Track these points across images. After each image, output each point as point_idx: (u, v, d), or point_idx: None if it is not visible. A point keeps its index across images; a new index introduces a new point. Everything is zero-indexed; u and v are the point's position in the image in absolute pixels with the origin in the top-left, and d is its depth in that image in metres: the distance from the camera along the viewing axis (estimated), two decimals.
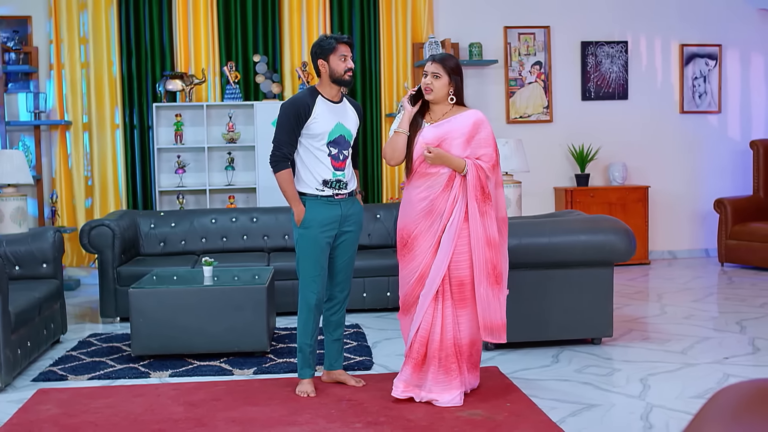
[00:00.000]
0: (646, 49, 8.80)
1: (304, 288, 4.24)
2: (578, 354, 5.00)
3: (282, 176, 4.17)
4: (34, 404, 4.17)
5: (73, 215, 7.93)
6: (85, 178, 7.93)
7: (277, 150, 4.16)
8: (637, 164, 8.80)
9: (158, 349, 4.92)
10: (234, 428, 3.77)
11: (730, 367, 4.66)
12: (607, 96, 8.75)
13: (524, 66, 8.60)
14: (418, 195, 4.11)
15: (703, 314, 6.12)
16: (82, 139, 7.90)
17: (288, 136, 4.15)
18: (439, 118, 4.17)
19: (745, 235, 8.09)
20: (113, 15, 7.82)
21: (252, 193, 8.00)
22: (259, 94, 8.07)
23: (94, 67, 7.85)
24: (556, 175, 8.70)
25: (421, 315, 4.06)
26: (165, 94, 7.77)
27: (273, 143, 4.19)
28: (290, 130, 4.15)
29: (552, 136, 8.67)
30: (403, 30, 8.27)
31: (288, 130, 4.15)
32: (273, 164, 4.18)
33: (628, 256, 5.10)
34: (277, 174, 4.18)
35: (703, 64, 8.85)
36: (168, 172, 7.91)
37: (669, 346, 5.18)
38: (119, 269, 6.12)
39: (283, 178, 4.17)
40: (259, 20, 8.03)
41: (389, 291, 6.33)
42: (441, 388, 4.05)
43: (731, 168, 9.01)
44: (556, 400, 4.12)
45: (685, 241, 9.00)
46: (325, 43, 4.18)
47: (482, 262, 4.01)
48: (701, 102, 8.90)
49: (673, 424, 3.73)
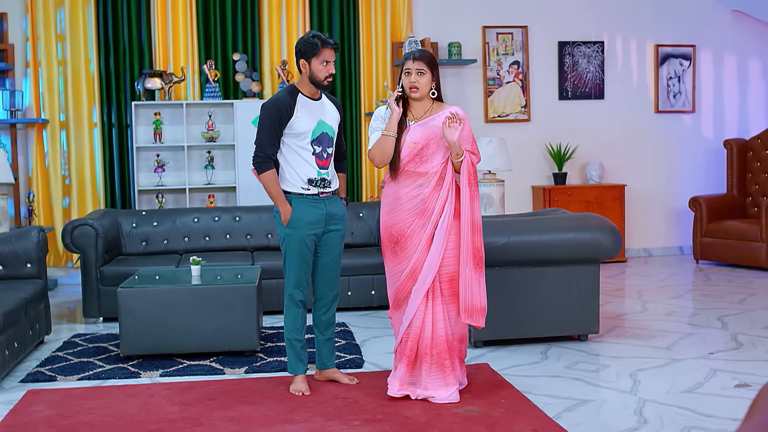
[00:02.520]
0: (622, 49, 8.91)
1: (291, 285, 4.24)
2: (566, 351, 5.05)
3: (266, 177, 4.16)
4: (26, 405, 4.12)
5: (50, 215, 7.84)
6: (62, 177, 7.84)
7: (260, 151, 4.14)
8: (614, 163, 8.90)
9: (147, 349, 4.89)
10: (232, 427, 3.76)
11: (716, 362, 4.74)
12: (583, 95, 8.84)
13: (502, 65, 8.65)
14: (408, 193, 4.13)
15: (684, 311, 6.22)
16: (59, 138, 7.80)
17: (270, 137, 4.14)
18: (421, 116, 4.20)
19: (720, 233, 8.23)
20: (90, 12, 7.74)
21: (232, 192, 7.96)
22: (238, 92, 8.04)
23: (72, 65, 7.76)
24: (533, 173, 8.77)
25: (412, 311, 4.09)
26: (144, 93, 7.70)
27: (255, 144, 4.17)
28: (272, 130, 4.13)
29: (530, 135, 8.74)
30: (383, 29, 8.29)
31: (270, 131, 4.14)
32: (257, 165, 4.16)
33: (615, 254, 5.17)
34: (261, 175, 4.16)
35: (678, 64, 8.98)
36: (147, 171, 7.85)
37: (654, 342, 5.25)
38: (102, 269, 6.06)
39: (268, 178, 4.16)
40: (238, 18, 7.99)
41: (374, 289, 6.34)
42: (437, 384, 4.07)
43: (705, 167, 9.16)
44: (550, 396, 4.17)
45: (660, 239, 9.13)
46: (310, 44, 4.14)
47: (468, 245, 4.05)
48: (676, 102, 9.03)
49: (667, 418, 3.79)
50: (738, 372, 4.53)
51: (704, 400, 4.06)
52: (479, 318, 4.12)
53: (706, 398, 4.09)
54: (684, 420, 3.76)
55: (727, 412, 3.86)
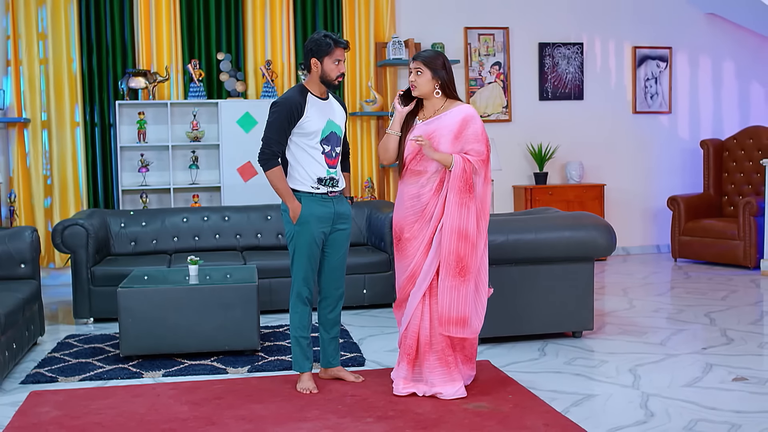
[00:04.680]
0: (601, 50, 9.04)
1: (299, 283, 4.25)
2: (563, 347, 5.13)
3: (273, 174, 4.17)
4: (31, 407, 4.08)
5: (32, 215, 7.74)
6: (44, 177, 7.74)
7: (267, 148, 4.16)
8: (593, 163, 9.03)
9: (147, 349, 4.86)
10: (245, 426, 3.76)
11: (711, 357, 4.85)
12: (563, 96, 8.96)
13: (484, 66, 8.73)
14: (409, 192, 4.20)
15: (670, 308, 6.34)
16: (40, 137, 7.70)
17: (278, 135, 4.15)
18: (430, 115, 4.26)
19: (698, 231, 8.39)
20: (73, 10, 7.65)
21: (216, 192, 7.93)
22: (222, 92, 8.01)
23: (53, 64, 7.67)
24: (515, 173, 8.86)
25: (410, 312, 4.16)
26: (128, 92, 7.64)
27: (262, 141, 4.18)
28: (281, 128, 4.15)
29: (511, 135, 8.83)
30: (366, 30, 8.32)
31: (279, 129, 4.15)
32: (262, 163, 4.17)
33: (610, 252, 5.27)
34: (268, 172, 4.17)
35: (655, 65, 9.13)
36: (131, 171, 7.78)
37: (647, 338, 5.35)
38: (93, 269, 6.01)
39: (275, 175, 4.17)
40: (222, 18, 7.96)
41: (365, 288, 6.36)
42: (442, 380, 4.12)
43: (681, 166, 9.33)
44: (554, 391, 4.23)
45: (638, 238, 9.27)
46: (322, 43, 4.17)
47: (448, 253, 4.04)
48: (653, 102, 9.18)
49: (673, 411, 3.87)
50: (733, 366, 4.65)
51: (705, 393, 4.15)
52: (458, 329, 4.07)
53: (707, 392, 4.18)
54: (689, 413, 3.85)
55: (730, 405, 3.96)
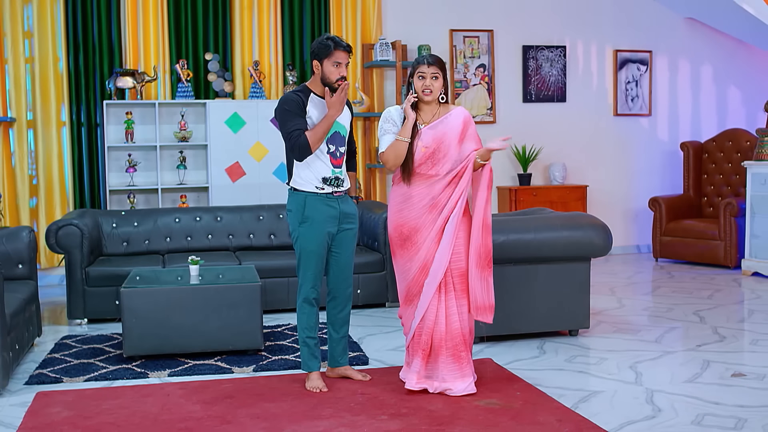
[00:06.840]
0: (583, 53, 9.17)
1: (306, 284, 4.28)
2: (561, 345, 5.21)
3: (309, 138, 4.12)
4: (41, 407, 4.06)
5: (17, 215, 7.66)
6: (29, 177, 7.66)
7: (291, 134, 4.13)
8: (576, 164, 9.16)
9: (151, 349, 4.86)
10: (261, 424, 3.78)
11: (706, 354, 4.96)
12: (546, 98, 9.07)
13: (469, 68, 8.82)
14: (420, 192, 4.26)
15: (659, 306, 6.46)
16: (26, 137, 7.62)
17: (296, 120, 4.15)
18: (430, 119, 4.33)
19: (679, 232, 8.54)
20: (59, 9, 7.59)
21: (204, 192, 7.91)
22: (210, 92, 7.99)
23: (39, 63, 7.60)
24: (499, 174, 8.95)
25: (425, 305, 4.19)
26: (115, 92, 7.59)
27: (284, 135, 4.18)
28: (297, 115, 4.17)
29: (495, 136, 8.78)
30: (353, 31, 8.36)
31: (294, 116, 4.16)
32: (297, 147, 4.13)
33: (606, 251, 5.36)
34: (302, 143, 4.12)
35: (635, 69, 9.29)
36: (118, 171, 7.73)
37: (642, 336, 5.46)
38: (87, 270, 5.97)
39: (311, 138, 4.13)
40: (210, 18, 7.95)
41: (359, 288, 6.39)
42: (454, 376, 4.18)
43: (660, 168, 9.49)
44: (560, 388, 4.31)
45: (619, 238, 9.39)
46: (323, 45, 4.22)
47: (478, 246, 4.20)
48: (633, 105, 9.33)
49: (679, 406, 3.97)
50: (729, 362, 4.76)
51: (707, 389, 4.26)
52: (487, 315, 4.26)
53: (709, 387, 4.29)
54: (695, 408, 3.95)
55: (733, 400, 4.06)
